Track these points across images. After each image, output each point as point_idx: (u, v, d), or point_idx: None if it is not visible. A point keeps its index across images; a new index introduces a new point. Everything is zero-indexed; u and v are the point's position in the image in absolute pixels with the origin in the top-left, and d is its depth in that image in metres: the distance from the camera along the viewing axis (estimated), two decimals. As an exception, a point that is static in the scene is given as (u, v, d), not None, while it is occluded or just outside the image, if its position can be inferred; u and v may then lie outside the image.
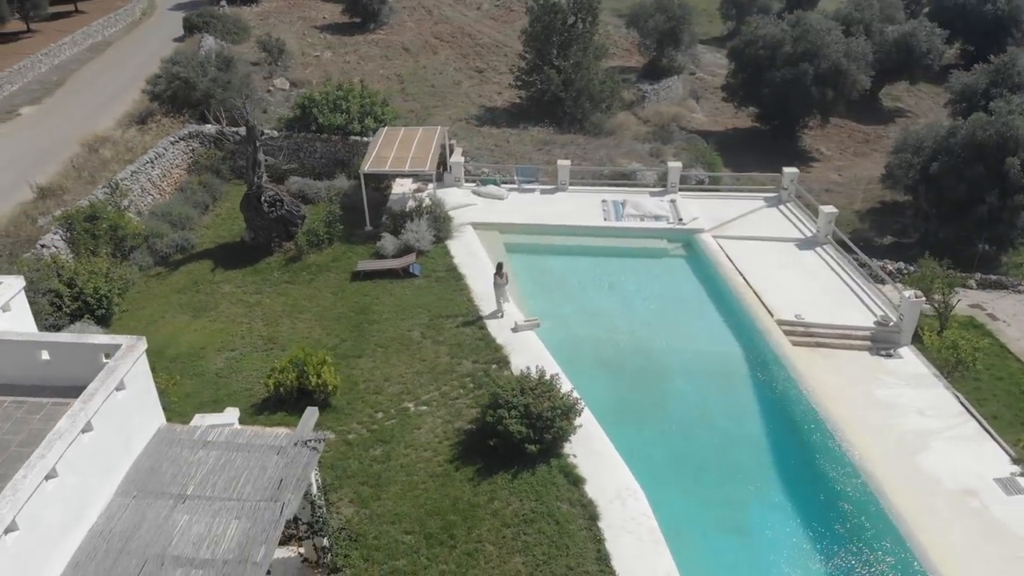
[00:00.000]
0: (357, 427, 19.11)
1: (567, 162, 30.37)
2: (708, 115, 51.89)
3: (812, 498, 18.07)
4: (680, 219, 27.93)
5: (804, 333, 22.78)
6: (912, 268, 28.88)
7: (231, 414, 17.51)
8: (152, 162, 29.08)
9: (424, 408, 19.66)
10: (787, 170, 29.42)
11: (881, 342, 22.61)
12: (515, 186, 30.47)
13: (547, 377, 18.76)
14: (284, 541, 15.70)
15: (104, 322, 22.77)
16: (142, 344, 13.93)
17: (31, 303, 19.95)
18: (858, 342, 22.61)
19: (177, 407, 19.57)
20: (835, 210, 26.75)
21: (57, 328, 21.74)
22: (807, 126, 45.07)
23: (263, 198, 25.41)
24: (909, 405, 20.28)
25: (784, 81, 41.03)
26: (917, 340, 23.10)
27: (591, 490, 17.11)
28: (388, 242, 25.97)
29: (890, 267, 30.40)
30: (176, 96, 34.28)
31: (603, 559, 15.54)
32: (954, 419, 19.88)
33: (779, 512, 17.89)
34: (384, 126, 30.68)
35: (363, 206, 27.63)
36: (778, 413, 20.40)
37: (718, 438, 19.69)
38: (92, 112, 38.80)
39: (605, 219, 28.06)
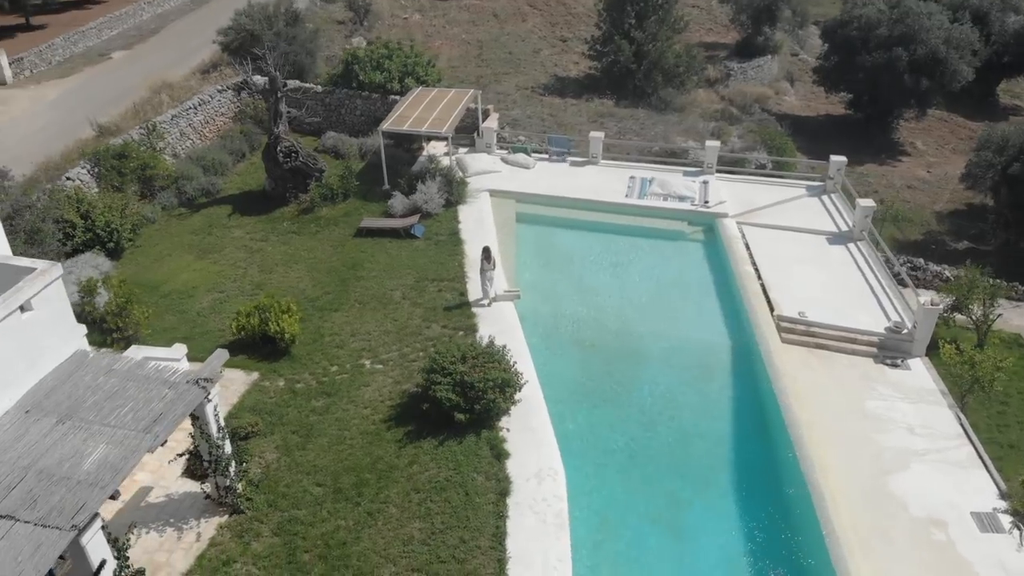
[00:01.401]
0: (308, 377, 19.23)
1: (600, 134, 29.25)
2: (801, 99, 48.65)
3: (756, 508, 16.77)
4: (706, 202, 26.37)
5: (804, 332, 21.06)
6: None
7: (178, 350, 18.02)
8: (195, 108, 30.17)
9: (379, 367, 19.55)
10: (834, 158, 27.15)
11: (890, 350, 20.60)
12: (547, 156, 29.64)
13: (496, 349, 18.22)
14: (198, 476, 16.09)
15: (114, 255, 23.89)
16: (56, 270, 14.40)
17: (42, 231, 21.24)
18: (863, 347, 20.69)
19: (149, 340, 20.33)
20: (873, 204, 24.49)
21: (68, 256, 23.00)
22: (902, 117, 41.43)
23: (279, 148, 25.84)
24: (900, 420, 18.41)
25: (875, 66, 37.76)
26: (935, 352, 20.91)
27: (512, 466, 16.54)
28: (398, 202, 25.89)
29: (948, 273, 27.60)
30: (242, 48, 35.32)
31: (499, 536, 15.01)
32: (947, 441, 17.89)
33: (719, 517, 16.70)
34: (422, 87, 30.50)
35: (384, 164, 27.58)
36: (745, 413, 19.04)
37: (677, 431, 18.59)
38: (175, 59, 40.60)
39: (627, 196, 26.88)
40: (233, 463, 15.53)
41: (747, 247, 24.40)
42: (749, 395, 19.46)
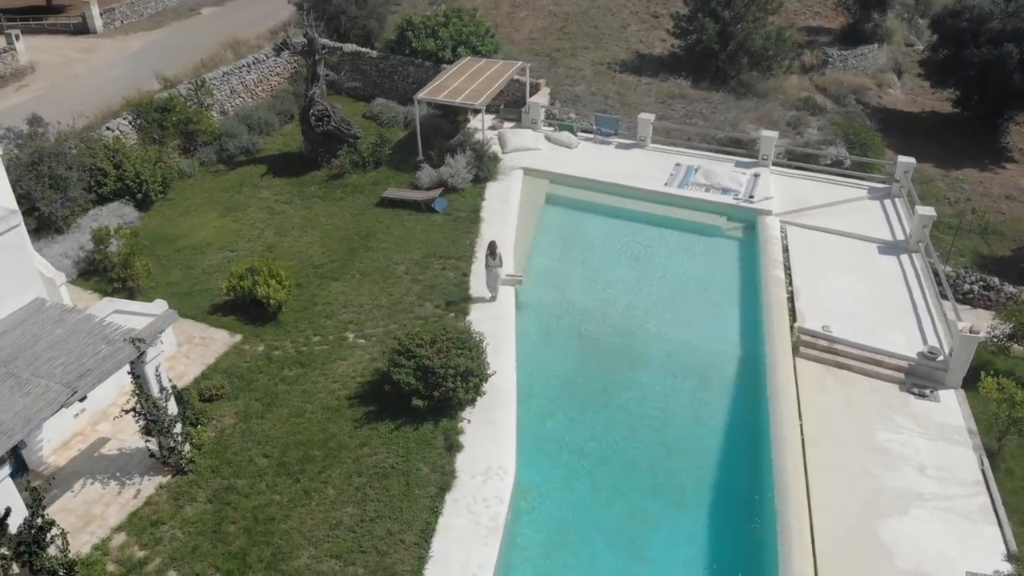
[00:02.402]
0: (288, 345, 18.97)
1: (649, 116, 27.55)
2: (907, 93, 44.67)
3: (726, 536, 15.31)
4: (751, 196, 24.39)
5: (826, 348, 19.11)
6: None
7: (158, 306, 18.06)
8: (249, 67, 30.39)
9: (361, 341, 19.07)
10: (902, 159, 24.53)
11: (920, 377, 18.42)
12: (593, 136, 28.25)
13: (470, 336, 17.39)
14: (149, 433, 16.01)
15: (143, 206, 24.38)
16: (13, 219, 14.55)
17: (67, 178, 21.75)
18: (890, 372, 18.57)
19: (152, 292, 20.62)
20: (933, 213, 21.90)
21: (98, 204, 23.62)
22: (1014, 120, 37.25)
23: (312, 111, 25.62)
24: (911, 458, 16.40)
25: (984, 62, 33.98)
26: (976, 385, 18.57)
27: (461, 460, 15.74)
28: (426, 174, 25.24)
29: (1026, 297, 24.58)
30: (314, 9, 35.36)
31: (427, 533, 14.28)
32: (960, 488, 15.79)
33: (684, 541, 15.38)
34: (473, 56, 29.58)
35: (421, 134, 26.94)
36: (739, 431, 17.42)
37: (660, 443, 17.23)
38: (258, 17, 41.31)
39: (666, 184, 25.21)
40: (179, 424, 15.42)
41: (785, 249, 22.40)
42: (747, 412, 17.82)
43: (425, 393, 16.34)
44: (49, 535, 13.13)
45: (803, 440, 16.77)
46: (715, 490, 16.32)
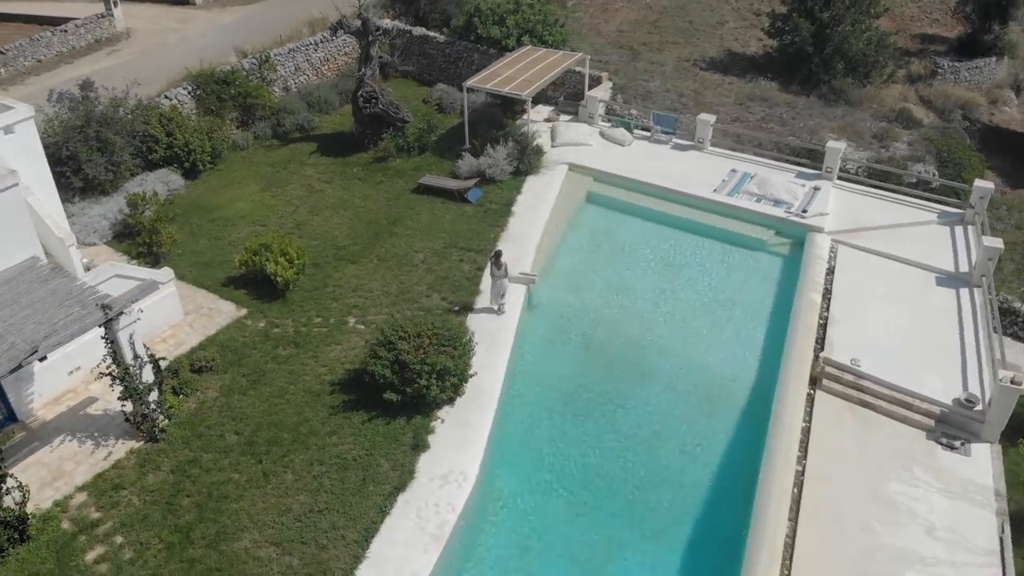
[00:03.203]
0: (288, 324, 18.96)
1: (710, 117, 26.00)
2: (1028, 111, 40.68)
3: None
4: (804, 210, 22.61)
5: (851, 383, 17.45)
6: None
7: (163, 274, 18.41)
8: (316, 45, 30.69)
9: (361, 327, 18.83)
10: (979, 183, 22.13)
11: (953, 427, 16.54)
12: (650, 135, 26.98)
13: (458, 334, 16.83)
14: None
15: (190, 175, 25.00)
16: (11, 179, 15.00)
17: (113, 142, 22.54)
18: (919, 417, 16.76)
19: (176, 260, 21.11)
20: (1000, 245, 19.59)
21: (149, 169, 24.37)
22: None
23: (360, 93, 25.55)
24: (922, 515, 14.73)
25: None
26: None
27: (424, 461, 15.24)
28: (466, 163, 24.74)
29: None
30: (394, -8, 35.54)
31: (369, 532, 13.89)
32: (970, 556, 14.05)
33: (646, 573, 14.34)
34: (534, 46, 28.76)
35: (473, 123, 26.43)
36: (733, 464, 16.10)
37: (649, 468, 16.14)
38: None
39: (715, 190, 23.73)
40: (154, 392, 15.58)
41: (830, 271, 20.63)
42: (748, 444, 16.45)
43: (399, 388, 15.90)
44: (4, 487, 13.49)
45: (802, 480, 15.38)
46: (697, 525, 15.17)
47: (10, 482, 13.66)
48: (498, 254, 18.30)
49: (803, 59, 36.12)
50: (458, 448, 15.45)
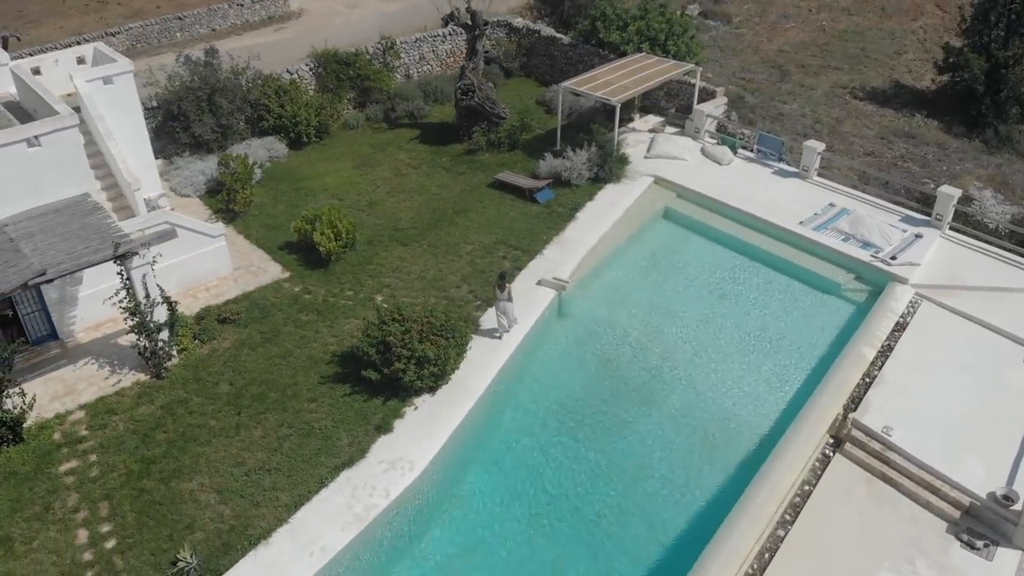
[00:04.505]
0: (322, 292, 19.65)
1: (818, 145, 23.81)
2: None
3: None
4: (893, 257, 20.23)
5: (876, 453, 15.44)
6: None
7: (216, 228, 19.74)
8: (444, 37, 31.42)
9: (385, 306, 19.09)
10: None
11: (982, 524, 14.17)
12: (755, 156, 25.28)
13: (458, 327, 16.74)
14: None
15: (295, 145, 26.55)
16: (71, 119, 16.67)
17: (221, 106, 24.45)
18: (944, 505, 14.51)
19: (249, 220, 22.56)
20: (1108, 327, 16.48)
21: (256, 135, 26.18)
22: None
23: (459, 84, 25.91)
24: (903, 617, 12.76)
25: None
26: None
27: (381, 443, 15.30)
28: (546, 164, 24.40)
29: None
30: (544, -8, 35.82)
31: (301, 500, 14.20)
32: (943, 675, 11.97)
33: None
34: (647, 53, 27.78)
35: (559, 123, 26.10)
36: (711, 516, 14.67)
37: (626, 501, 15.10)
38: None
39: (801, 223, 21.79)
40: (166, 332, 16.72)
41: (900, 327, 18.33)
42: (735, 498, 14.95)
43: (379, 367, 16.00)
44: (5, 392, 15.02)
45: (777, 548, 13.80)
46: (655, 569, 14.01)
47: (14, 390, 15.16)
48: (502, 275, 17.79)
49: (973, 99, 32.38)
50: (419, 437, 15.31)
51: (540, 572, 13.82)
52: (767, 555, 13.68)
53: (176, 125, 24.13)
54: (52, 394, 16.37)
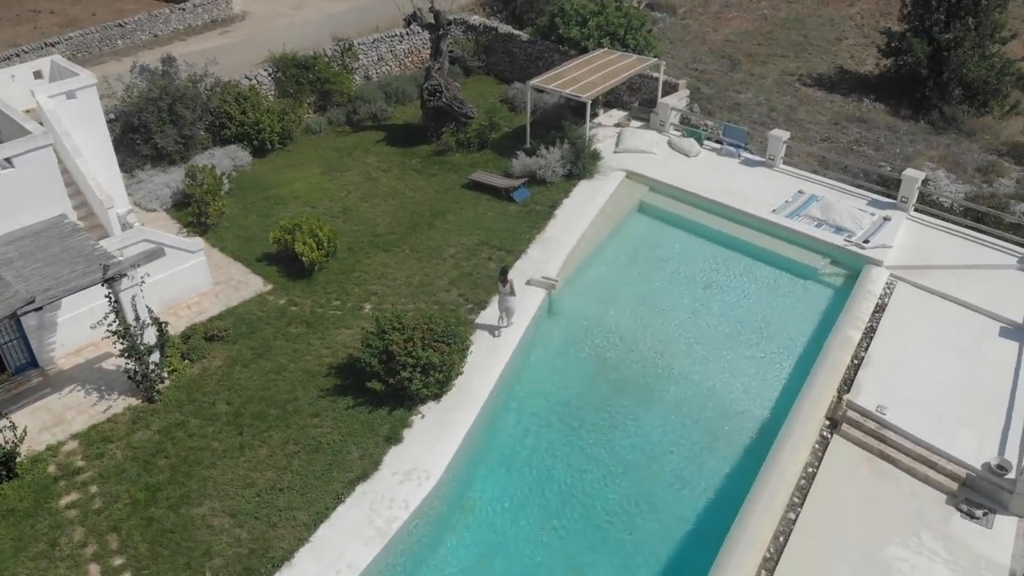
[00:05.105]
0: (308, 303, 19.29)
1: (783, 134, 24.48)
2: None
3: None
4: (866, 241, 20.93)
5: (872, 432, 15.98)
6: None
7: (193, 243, 19.18)
8: (401, 37, 31.11)
9: (385, 316, 18.82)
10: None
11: (979, 494, 14.83)
12: (720, 148, 25.77)
13: (456, 332, 16.65)
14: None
15: (259, 153, 25.93)
16: (45, 139, 15.98)
17: (183, 115, 23.69)
18: (942, 478, 15.12)
19: (222, 232, 21.98)
20: (1076, 299, 17.42)
21: (218, 144, 25.48)
22: None
23: (425, 85, 25.72)
24: (917, 588, 13.27)
25: None
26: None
27: (393, 453, 15.13)
28: (519, 162, 24.44)
29: None
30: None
31: (319, 517, 13.95)
32: (962, 642, 12.51)
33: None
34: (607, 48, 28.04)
35: (528, 122, 26.15)
36: (723, 505, 14.99)
37: (634, 497, 15.25)
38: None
39: (774, 211, 22.35)
40: (155, 354, 16.21)
41: (880, 309, 19.01)
42: (744, 485, 15.27)
43: (383, 378, 15.84)
44: (-4, 425, 14.37)
45: (791, 530, 14.19)
46: (669, 561, 14.25)
47: (3, 423, 14.51)
48: (504, 271, 17.84)
49: (917, 82, 33.62)
50: (430, 445, 15.22)
51: (561, 568, 13.93)
52: (781, 538, 14.07)
53: (137, 137, 23.32)
54: (40, 425, 15.73)
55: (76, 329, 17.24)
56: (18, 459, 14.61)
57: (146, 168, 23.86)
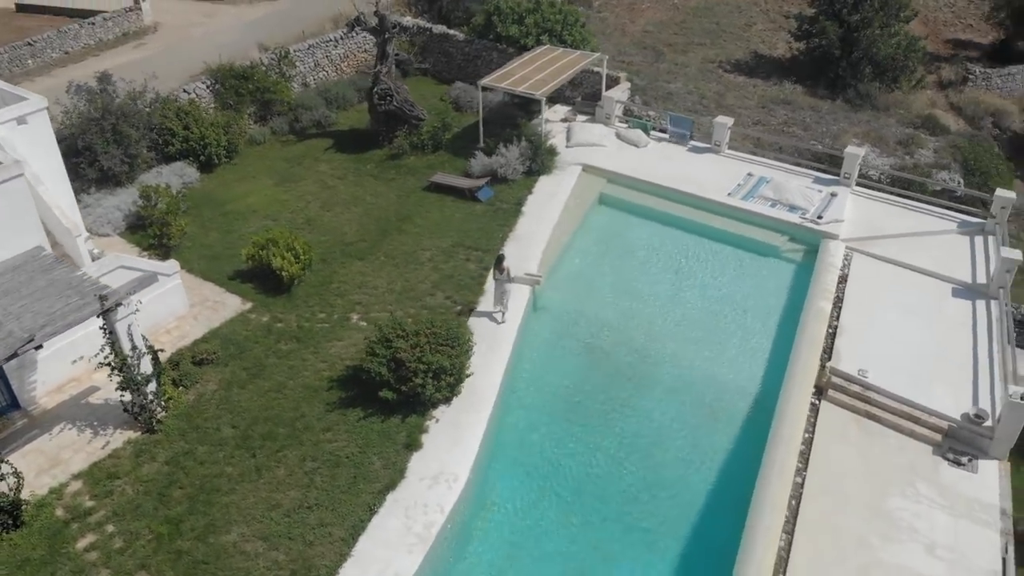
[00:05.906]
0: (292, 319, 19.00)
1: (727, 120, 25.60)
2: (1065, 121, 39.55)
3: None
4: (819, 216, 22.20)
5: (857, 395, 17.07)
6: None
7: (168, 266, 18.55)
8: (336, 42, 30.77)
9: (363, 324, 18.81)
10: (1000, 193, 21.52)
11: (961, 442, 16.10)
12: (668, 137, 26.67)
13: (458, 334, 16.75)
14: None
15: (206, 168, 25.16)
16: (16, 169, 15.18)
17: (128, 135, 22.77)
18: (926, 431, 16.34)
19: (185, 252, 21.29)
20: (1019, 257, 19.04)
21: (165, 162, 24.57)
22: None
23: (375, 90, 25.57)
24: (923, 533, 14.35)
25: None
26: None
27: (416, 460, 15.18)
28: (478, 162, 24.66)
29: None
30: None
31: (356, 530, 13.87)
32: (972, 577, 13.64)
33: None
34: (551, 45, 28.56)
35: (489, 122, 26.38)
36: (732, 476, 15.79)
37: (646, 477, 15.85)
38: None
39: (729, 194, 23.38)
40: (152, 384, 15.69)
41: (843, 279, 20.23)
42: (748, 456, 16.08)
43: (394, 386, 15.85)
44: (-1, 473, 13.64)
45: (800, 493, 15.06)
46: (691, 537, 14.89)
47: (4, 468, 13.80)
48: (500, 258, 18.15)
49: (830, 63, 35.59)
50: (451, 448, 15.36)
51: (590, 551, 14.37)
52: (793, 501, 14.93)
53: (81, 160, 22.26)
54: (36, 468, 14.99)
55: (57, 365, 16.51)
56: (24, 506, 13.91)
57: (91, 192, 22.82)
